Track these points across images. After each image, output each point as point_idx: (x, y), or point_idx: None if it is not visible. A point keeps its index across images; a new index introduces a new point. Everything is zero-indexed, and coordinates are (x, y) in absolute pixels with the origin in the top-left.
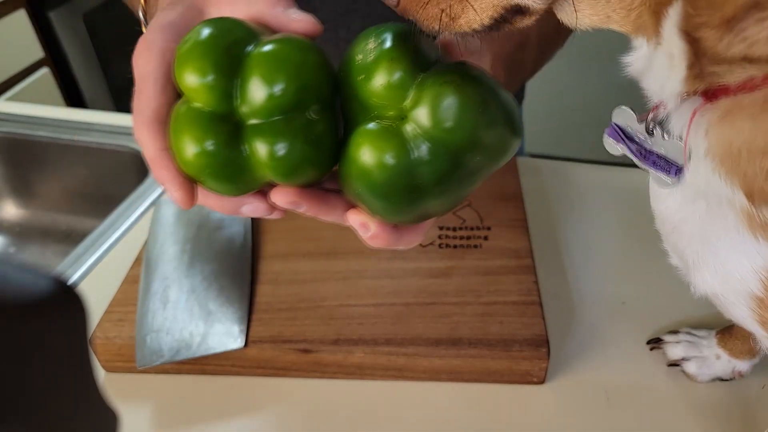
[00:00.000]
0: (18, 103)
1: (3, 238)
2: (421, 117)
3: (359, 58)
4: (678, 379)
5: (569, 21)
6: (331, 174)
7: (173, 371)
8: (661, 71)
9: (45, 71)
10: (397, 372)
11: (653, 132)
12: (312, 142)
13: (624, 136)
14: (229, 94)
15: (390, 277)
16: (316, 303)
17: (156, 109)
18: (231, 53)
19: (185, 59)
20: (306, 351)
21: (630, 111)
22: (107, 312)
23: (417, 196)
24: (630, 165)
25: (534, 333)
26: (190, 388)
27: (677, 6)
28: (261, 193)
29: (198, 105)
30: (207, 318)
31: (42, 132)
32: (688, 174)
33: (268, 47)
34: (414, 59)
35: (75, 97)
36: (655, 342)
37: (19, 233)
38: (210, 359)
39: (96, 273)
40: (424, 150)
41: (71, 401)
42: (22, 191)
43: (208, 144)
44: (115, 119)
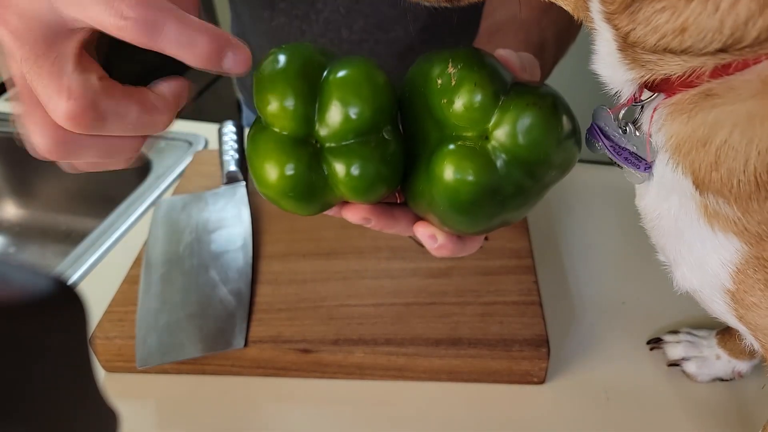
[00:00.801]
0: None
1: (3, 238)
2: (504, 137)
3: (440, 81)
4: (678, 380)
5: None
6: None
7: (173, 371)
8: (605, 57)
9: None
10: (397, 372)
11: (626, 129)
12: (386, 161)
13: (602, 134)
14: (309, 118)
15: (390, 277)
16: (316, 303)
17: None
18: (308, 79)
19: (266, 86)
20: (306, 351)
21: (607, 110)
22: (107, 312)
23: (497, 210)
24: None
25: (534, 333)
26: (190, 388)
27: None
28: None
29: (278, 129)
30: (207, 318)
31: None
32: (656, 169)
33: (343, 72)
34: (494, 81)
35: None
36: (655, 342)
37: (19, 233)
38: (210, 359)
39: (96, 273)
40: (505, 168)
41: (71, 401)
42: (22, 191)
43: (290, 167)
44: None
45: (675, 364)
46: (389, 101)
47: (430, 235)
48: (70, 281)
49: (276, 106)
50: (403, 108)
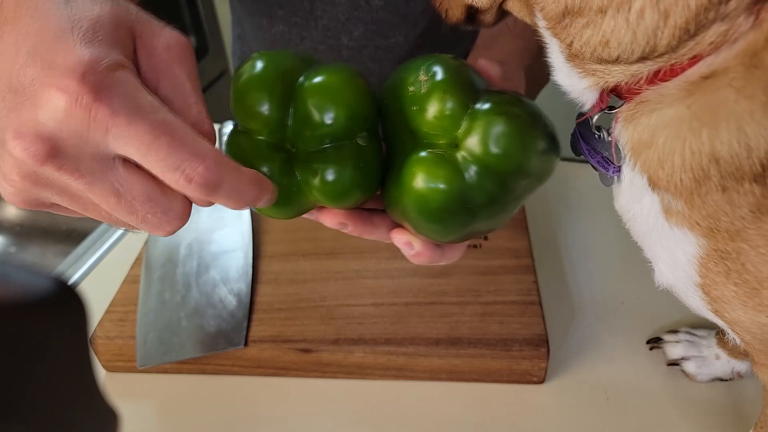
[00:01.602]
0: None
1: (3, 238)
2: (474, 146)
3: (411, 89)
4: (677, 379)
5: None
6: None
7: (173, 371)
8: (560, 67)
9: None
10: (397, 372)
11: (599, 134)
12: (361, 168)
13: (582, 138)
14: (283, 123)
15: (390, 277)
16: (316, 303)
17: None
18: (284, 84)
19: (242, 91)
20: (306, 351)
21: (588, 115)
22: (108, 312)
23: (468, 219)
24: None
25: (534, 333)
26: (190, 387)
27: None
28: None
29: (253, 135)
30: (207, 318)
31: None
32: (623, 172)
33: (319, 78)
34: (465, 90)
35: None
36: (655, 341)
37: (20, 233)
38: (210, 359)
39: (96, 273)
40: (475, 176)
41: (71, 401)
42: None
43: (263, 171)
44: None
45: (674, 363)
46: (365, 107)
47: (406, 243)
48: (70, 281)
49: (251, 111)
50: (383, 115)
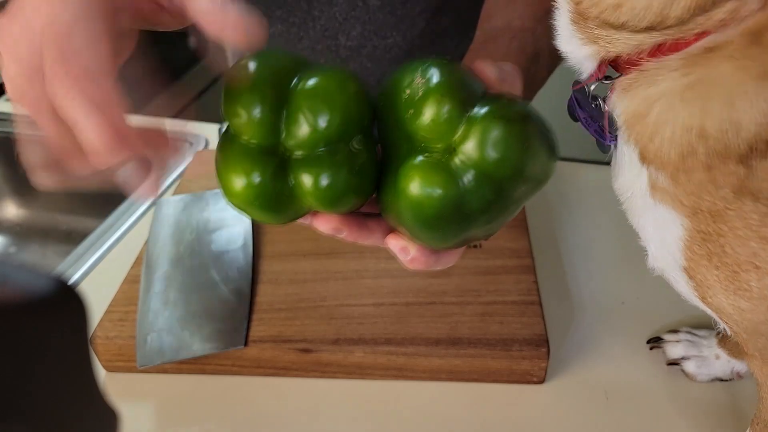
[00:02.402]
0: None
1: (3, 238)
2: (471, 151)
3: (407, 93)
4: (677, 379)
5: None
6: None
7: (173, 371)
8: (564, 31)
9: None
10: (397, 372)
11: (596, 103)
12: (355, 172)
13: (578, 105)
14: (276, 127)
15: (390, 277)
16: (316, 303)
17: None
18: (277, 87)
19: (233, 95)
20: (306, 351)
21: (585, 84)
22: (108, 312)
23: (464, 225)
24: None
25: (534, 333)
26: (190, 387)
27: None
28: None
29: (245, 138)
30: (207, 317)
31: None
32: (619, 144)
33: (312, 81)
34: (462, 94)
35: None
36: (655, 341)
37: (20, 233)
38: (210, 359)
39: (96, 273)
40: (472, 182)
41: (72, 401)
42: (22, 191)
43: (255, 176)
44: None
45: (674, 363)
46: (360, 111)
47: (401, 248)
48: (70, 281)
49: (242, 115)
50: (379, 118)
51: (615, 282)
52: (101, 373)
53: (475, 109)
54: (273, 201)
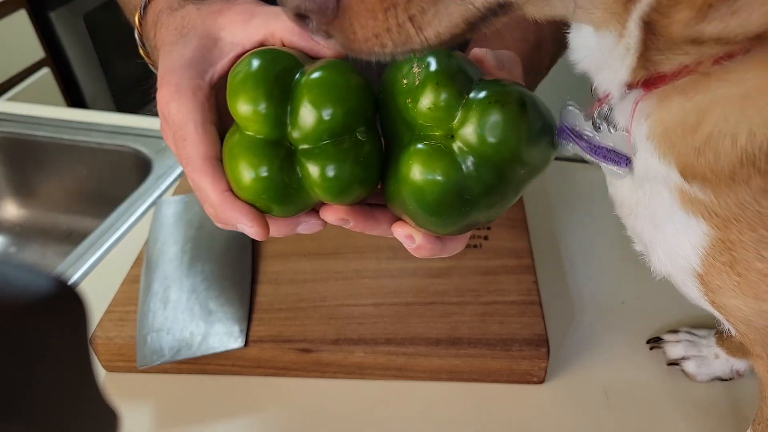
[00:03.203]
0: (19, 103)
1: (3, 238)
2: (469, 136)
3: (405, 82)
4: (677, 379)
5: (549, 12)
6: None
7: (173, 371)
8: (615, 63)
9: (46, 71)
10: (397, 372)
11: (600, 127)
12: (360, 162)
13: (574, 135)
14: (281, 121)
15: (390, 277)
16: (316, 303)
17: (205, 152)
18: (281, 82)
19: (238, 90)
20: (306, 351)
21: (577, 110)
22: (108, 312)
23: (466, 209)
24: None
25: (534, 333)
26: (190, 388)
27: None
28: (313, 211)
29: (251, 132)
30: (207, 317)
31: (42, 132)
32: (635, 162)
33: (315, 74)
34: (459, 80)
35: (75, 98)
36: (655, 341)
37: (20, 233)
38: (210, 359)
39: (96, 273)
40: (472, 167)
41: (72, 401)
42: (22, 191)
43: (263, 170)
44: (116, 119)
45: (674, 363)
46: (362, 102)
47: (407, 236)
48: (70, 281)
49: (248, 109)
50: (380, 109)
51: (615, 282)
52: (101, 373)
53: (472, 94)
54: (281, 193)
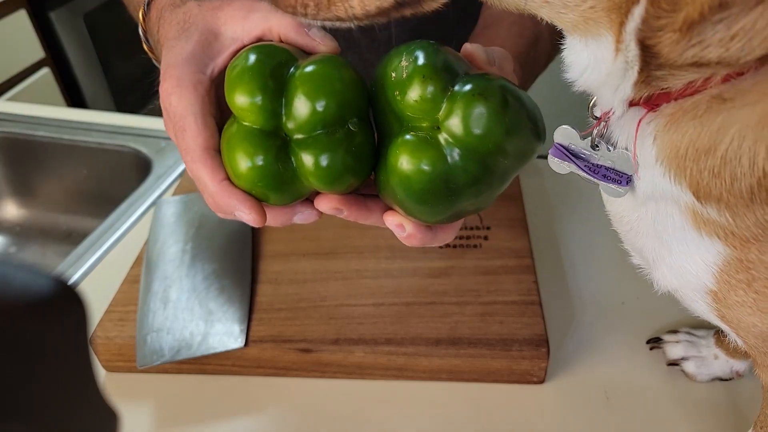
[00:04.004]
0: (19, 103)
1: (3, 238)
2: (454, 128)
3: (393, 75)
4: (677, 379)
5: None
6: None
7: (173, 371)
8: (616, 78)
9: (46, 71)
10: (397, 372)
11: (597, 146)
12: (352, 152)
13: (569, 154)
14: (276, 112)
15: (390, 277)
16: (316, 303)
17: (204, 143)
18: (276, 75)
19: (235, 83)
20: (306, 350)
21: (572, 129)
22: (108, 312)
23: (452, 198)
24: None
25: (534, 333)
26: (190, 387)
27: (641, 7)
28: (309, 201)
29: (248, 123)
30: (207, 317)
31: (42, 132)
32: (637, 181)
33: (309, 68)
34: (445, 74)
35: (75, 98)
36: (655, 341)
37: (20, 233)
38: (210, 359)
39: (96, 273)
40: (457, 157)
41: (72, 401)
42: (22, 191)
43: (259, 159)
44: (116, 119)
45: (674, 363)
46: (355, 95)
47: (398, 224)
48: (70, 281)
49: (245, 101)
50: (373, 102)
51: (615, 282)
52: (101, 373)
53: (457, 87)
54: (276, 181)
